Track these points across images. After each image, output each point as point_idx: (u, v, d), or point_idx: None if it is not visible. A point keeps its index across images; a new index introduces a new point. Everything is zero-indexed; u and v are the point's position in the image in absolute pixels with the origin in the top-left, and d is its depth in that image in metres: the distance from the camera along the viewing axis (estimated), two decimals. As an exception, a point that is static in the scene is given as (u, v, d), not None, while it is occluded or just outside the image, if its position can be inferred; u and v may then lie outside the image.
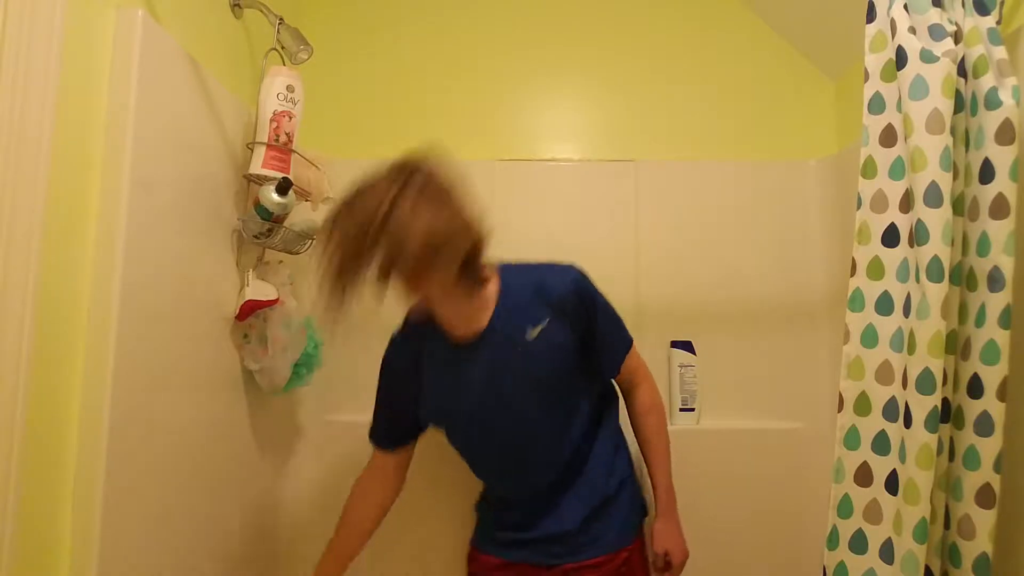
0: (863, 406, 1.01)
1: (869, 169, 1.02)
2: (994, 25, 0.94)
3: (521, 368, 1.10)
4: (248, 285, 1.24)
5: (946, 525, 0.96)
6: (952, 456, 0.95)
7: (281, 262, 1.37)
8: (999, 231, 0.90)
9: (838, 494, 1.03)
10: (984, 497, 0.89)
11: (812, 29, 1.62)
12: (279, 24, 1.21)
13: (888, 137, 1.00)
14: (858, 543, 1.00)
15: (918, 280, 0.92)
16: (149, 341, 0.98)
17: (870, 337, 1.01)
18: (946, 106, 0.90)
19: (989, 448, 0.89)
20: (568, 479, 1.19)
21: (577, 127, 1.69)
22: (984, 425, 0.90)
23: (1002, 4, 0.95)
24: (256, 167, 1.18)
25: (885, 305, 1.00)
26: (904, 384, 0.94)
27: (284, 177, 1.17)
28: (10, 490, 0.74)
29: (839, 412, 1.03)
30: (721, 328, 1.60)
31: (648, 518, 1.28)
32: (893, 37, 0.98)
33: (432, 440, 1.30)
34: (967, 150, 0.96)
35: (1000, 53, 0.92)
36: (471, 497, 1.37)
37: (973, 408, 0.92)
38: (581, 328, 1.12)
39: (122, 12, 0.93)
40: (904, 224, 0.97)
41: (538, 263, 1.15)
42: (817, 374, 1.57)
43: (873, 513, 0.99)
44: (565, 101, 1.70)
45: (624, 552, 1.20)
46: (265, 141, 1.17)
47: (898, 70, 0.96)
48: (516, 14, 1.73)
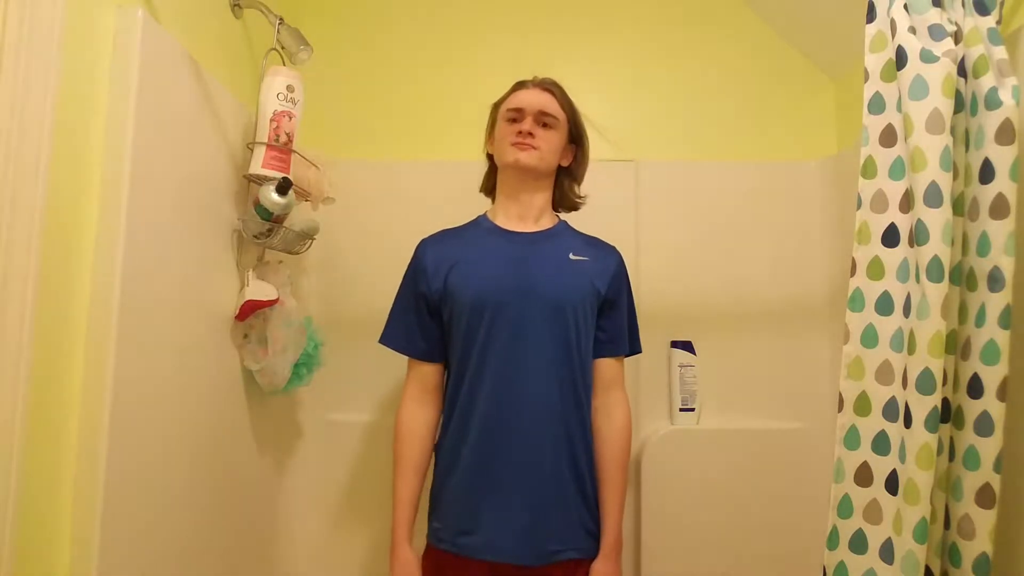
0: (863, 406, 1.01)
1: (869, 169, 1.02)
2: (994, 25, 0.94)
3: (555, 273, 1.20)
4: (248, 285, 1.24)
5: (946, 525, 0.96)
6: (952, 456, 0.95)
7: (281, 262, 1.37)
8: (999, 231, 0.90)
9: (838, 494, 1.03)
10: (984, 497, 0.89)
11: (812, 29, 1.63)
12: (279, 24, 1.21)
13: (888, 137, 1.00)
14: (858, 543, 1.00)
15: (918, 280, 0.92)
16: (149, 341, 0.98)
17: (870, 337, 1.01)
18: (946, 106, 0.90)
19: (989, 448, 0.89)
20: (553, 447, 1.13)
21: (577, 127, 1.69)
22: (984, 425, 0.90)
23: (1002, 4, 0.95)
24: (256, 167, 1.18)
25: (885, 305, 1.00)
26: (904, 384, 0.94)
27: (284, 177, 1.17)
28: (10, 490, 0.74)
29: (839, 412, 1.03)
30: (721, 328, 1.60)
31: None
32: (893, 37, 0.98)
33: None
34: (967, 150, 0.96)
35: (1000, 53, 0.92)
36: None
37: (973, 408, 0.92)
38: (609, 292, 1.22)
39: (122, 12, 0.93)
40: (904, 224, 0.97)
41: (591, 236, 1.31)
42: (817, 374, 1.57)
43: (873, 513, 0.99)
44: (565, 101, 1.70)
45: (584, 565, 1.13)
46: (265, 141, 1.17)
47: (898, 70, 0.96)
48: (516, 14, 1.73)
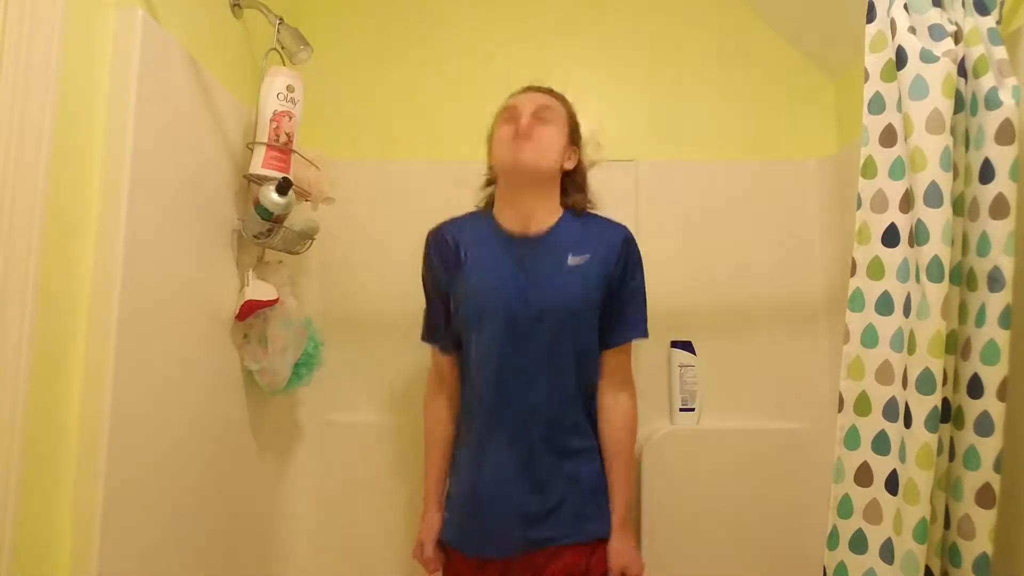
0: (863, 406, 1.01)
1: (869, 169, 1.02)
2: (994, 25, 0.94)
3: (551, 284, 1.20)
4: (248, 285, 1.24)
5: (946, 525, 0.96)
6: (952, 456, 0.95)
7: (281, 262, 1.37)
8: (999, 231, 0.90)
9: (838, 494, 1.03)
10: (984, 497, 0.89)
11: (812, 29, 1.62)
12: (279, 24, 1.21)
13: (888, 137, 1.00)
14: (858, 543, 1.00)
15: (918, 280, 0.92)
16: (149, 341, 0.98)
17: (870, 337, 1.01)
18: (946, 106, 0.90)
19: (989, 448, 0.89)
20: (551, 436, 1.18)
21: (577, 127, 1.69)
22: (984, 425, 0.90)
23: (1002, 4, 0.95)
24: (256, 167, 1.18)
25: (885, 305, 1.00)
26: (904, 384, 0.94)
27: (284, 177, 1.17)
28: (10, 490, 0.74)
29: (839, 412, 1.03)
30: (721, 328, 1.60)
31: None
32: (893, 37, 0.98)
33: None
34: (967, 150, 0.96)
35: (1000, 53, 0.92)
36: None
37: (973, 408, 0.92)
38: (614, 278, 1.22)
39: (122, 12, 0.93)
40: (904, 224, 0.97)
41: (599, 215, 1.29)
42: (817, 374, 1.57)
43: (873, 513, 0.99)
44: (565, 101, 1.70)
45: (590, 548, 1.18)
46: (265, 141, 1.17)
47: (898, 70, 0.96)
48: (516, 14, 1.73)
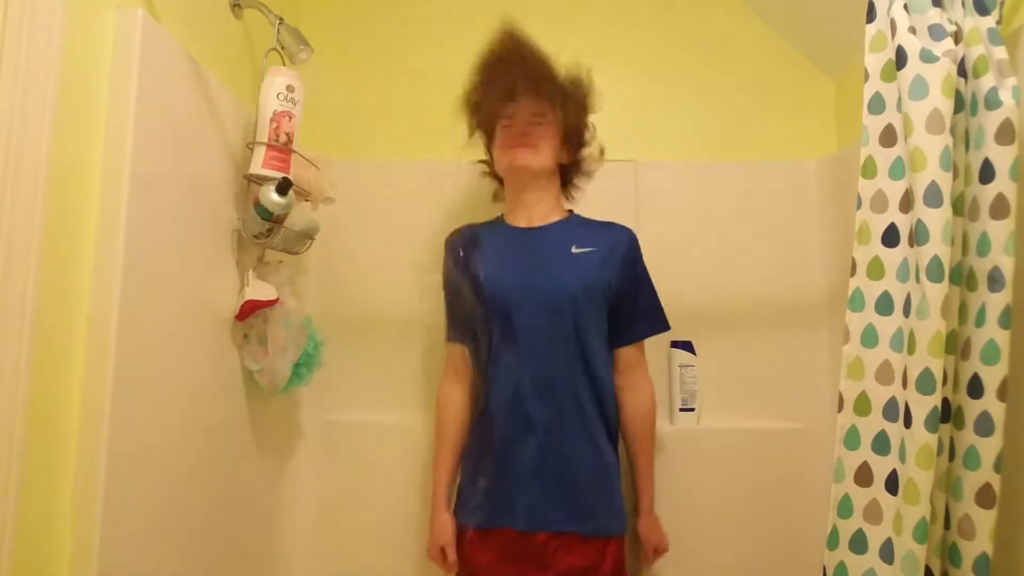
0: (863, 406, 1.01)
1: (869, 169, 1.02)
2: (994, 25, 0.94)
3: (556, 271, 1.25)
4: (248, 285, 1.24)
5: (946, 525, 0.96)
6: (952, 456, 0.95)
7: (281, 262, 1.37)
8: (999, 231, 0.90)
9: (838, 494, 1.03)
10: (984, 497, 0.89)
11: (812, 29, 1.62)
12: (279, 24, 1.21)
13: (888, 137, 1.00)
14: (858, 543, 1.00)
15: (918, 280, 0.92)
16: (149, 341, 0.98)
17: (870, 337, 1.01)
18: (946, 106, 0.90)
19: (989, 448, 0.89)
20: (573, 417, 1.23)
21: (577, 127, 1.69)
22: (984, 425, 0.90)
23: (1002, 4, 0.96)
24: (256, 167, 1.18)
25: (885, 305, 1.00)
26: (904, 384, 0.94)
27: (284, 177, 1.17)
28: (10, 490, 0.74)
29: (839, 412, 1.03)
30: (721, 328, 1.60)
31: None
32: (893, 37, 0.98)
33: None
34: (967, 150, 0.96)
35: (1000, 53, 0.92)
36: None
37: (973, 408, 0.92)
38: (621, 278, 1.28)
39: (122, 12, 0.93)
40: (904, 224, 0.97)
41: (599, 219, 1.36)
42: (817, 374, 1.57)
43: (873, 513, 0.99)
44: (565, 101, 1.70)
45: (613, 542, 1.23)
46: (265, 141, 1.17)
47: (898, 70, 0.96)
48: (517, 14, 1.73)
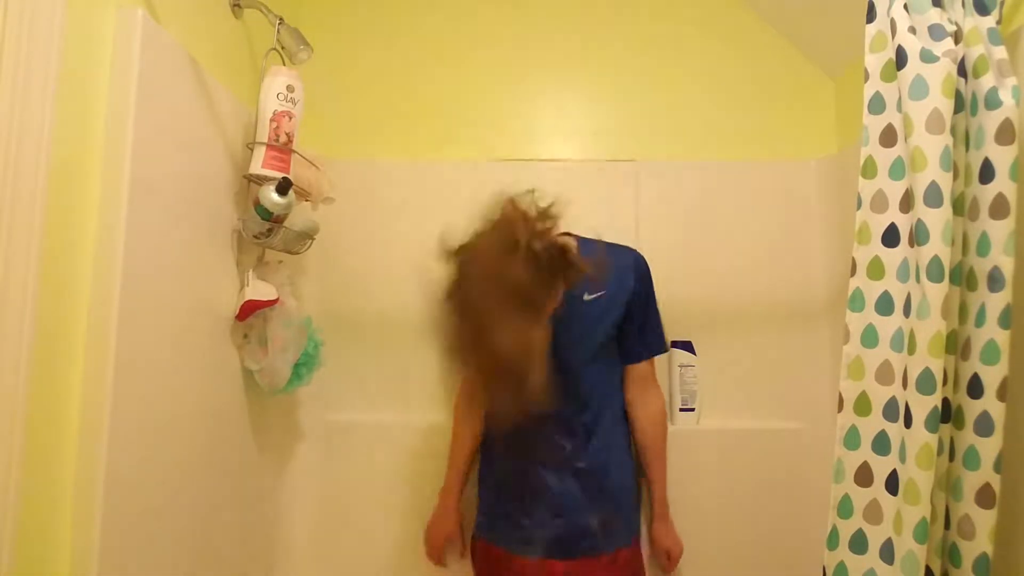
0: (863, 406, 1.01)
1: (869, 169, 1.02)
2: (994, 25, 0.94)
3: (572, 324, 1.22)
4: (248, 285, 1.24)
5: (946, 525, 0.96)
6: (952, 456, 0.95)
7: (281, 262, 1.37)
8: (999, 231, 0.90)
9: (838, 494, 1.03)
10: (984, 497, 0.89)
11: (812, 29, 1.62)
12: (279, 24, 1.21)
13: (888, 137, 1.00)
14: (858, 543, 1.00)
15: (918, 280, 0.92)
16: (149, 341, 0.98)
17: (870, 337, 1.01)
18: (946, 106, 0.90)
19: (989, 448, 0.89)
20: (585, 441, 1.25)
21: (577, 127, 1.69)
22: (984, 425, 0.90)
23: (1002, 4, 0.95)
24: (256, 167, 1.18)
25: (885, 305, 1.00)
26: (904, 384, 0.94)
27: (284, 177, 1.17)
28: (10, 490, 0.74)
29: (839, 412, 1.03)
30: (721, 328, 1.60)
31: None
32: (893, 37, 0.98)
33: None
34: (967, 150, 0.95)
35: (1000, 53, 0.92)
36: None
37: (973, 408, 0.92)
38: (630, 303, 1.28)
39: (122, 12, 0.93)
40: (904, 224, 0.97)
41: (606, 241, 1.28)
42: (817, 374, 1.57)
43: (873, 513, 0.99)
44: (565, 101, 1.70)
45: (625, 551, 1.26)
46: (265, 141, 1.17)
47: (898, 70, 0.96)
48: (516, 14, 1.73)
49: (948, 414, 0.94)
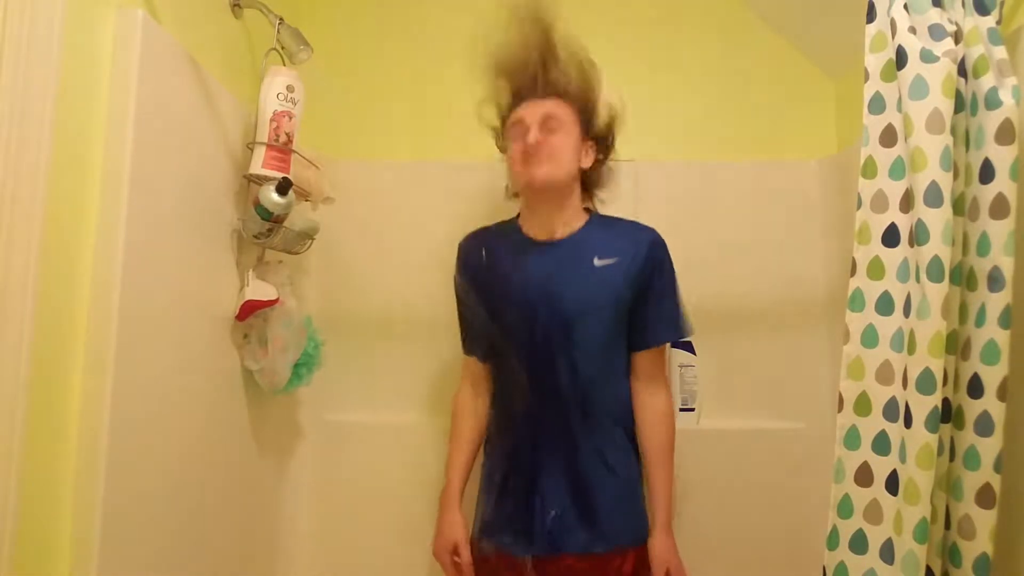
0: (863, 406, 1.01)
1: (869, 169, 1.02)
2: (994, 25, 0.94)
3: (579, 285, 1.20)
4: (248, 285, 1.24)
5: (946, 525, 0.96)
6: (952, 456, 0.95)
7: (281, 262, 1.37)
8: (999, 231, 0.89)
9: (838, 494, 1.03)
10: (984, 497, 0.89)
11: (812, 29, 1.62)
12: (279, 24, 1.21)
13: (888, 137, 1.00)
14: (858, 543, 1.00)
15: (918, 280, 0.92)
16: (149, 341, 0.98)
17: (870, 337, 1.01)
18: (946, 106, 0.90)
19: (989, 448, 0.89)
20: (584, 436, 1.22)
21: (577, 127, 1.69)
22: (984, 425, 0.90)
23: (1002, 4, 0.95)
24: (256, 167, 1.18)
25: (885, 305, 0.99)
26: (904, 384, 0.94)
27: (284, 177, 1.17)
28: (10, 490, 0.74)
29: (839, 412, 1.03)
30: (721, 328, 1.60)
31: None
32: (893, 37, 0.97)
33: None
34: (967, 150, 0.95)
35: (1000, 53, 0.92)
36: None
37: (973, 408, 0.92)
38: (641, 281, 1.22)
39: (122, 12, 0.93)
40: (904, 224, 0.97)
41: (626, 219, 1.31)
42: (817, 374, 1.57)
43: (873, 513, 0.99)
44: (565, 101, 1.70)
45: (631, 553, 1.21)
46: (265, 141, 1.17)
47: (898, 70, 0.96)
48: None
49: (948, 414, 0.94)
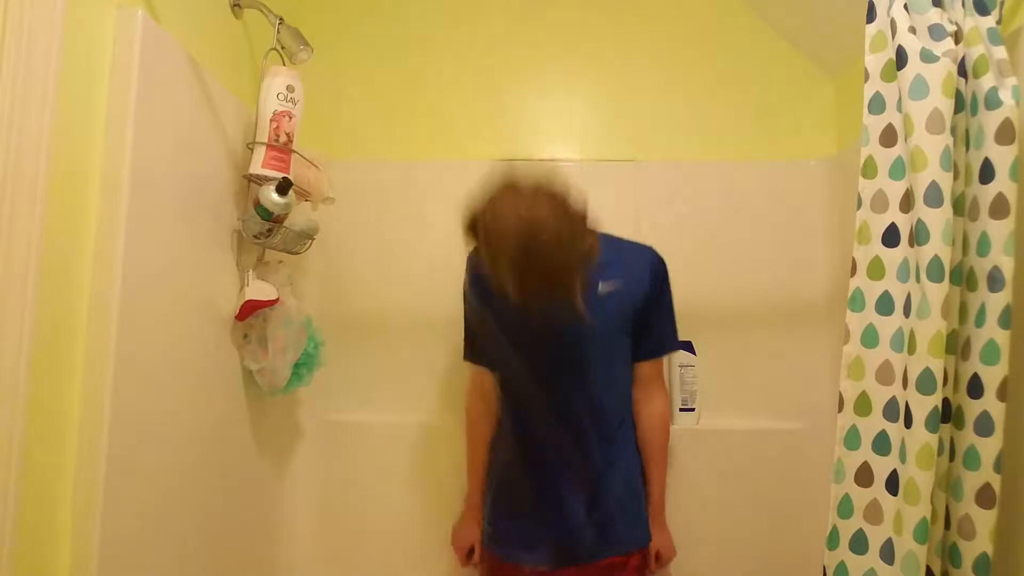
0: (863, 406, 1.01)
1: (869, 169, 1.02)
2: (994, 25, 0.94)
3: (589, 310, 1.18)
4: (248, 285, 1.24)
5: (946, 525, 0.96)
6: (952, 456, 0.95)
7: (281, 262, 1.36)
8: (999, 231, 0.90)
9: (838, 494, 1.03)
10: (984, 497, 0.89)
11: (812, 29, 1.62)
12: (279, 24, 1.21)
13: (888, 137, 1.00)
14: (858, 543, 1.00)
15: (918, 280, 0.92)
16: (149, 341, 0.98)
17: (870, 337, 1.01)
18: (946, 106, 0.90)
19: (989, 448, 0.89)
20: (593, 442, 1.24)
21: (577, 127, 1.69)
22: (984, 425, 0.90)
23: (1002, 4, 0.95)
24: (256, 167, 1.18)
25: (885, 305, 1.00)
26: (904, 384, 0.94)
27: (284, 177, 1.17)
28: (10, 490, 0.74)
29: (839, 412, 1.03)
30: (721, 328, 1.60)
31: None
32: (893, 37, 0.98)
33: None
34: (967, 150, 0.95)
35: (1000, 53, 0.92)
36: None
37: (973, 408, 0.92)
38: (645, 300, 1.26)
39: (122, 12, 0.93)
40: (904, 224, 0.97)
41: (625, 238, 1.32)
42: (817, 374, 1.57)
43: (873, 513, 0.99)
44: (565, 101, 1.70)
45: (636, 555, 1.26)
46: (265, 141, 1.17)
47: (898, 70, 0.96)
48: (516, 14, 1.73)
49: (948, 414, 0.94)
